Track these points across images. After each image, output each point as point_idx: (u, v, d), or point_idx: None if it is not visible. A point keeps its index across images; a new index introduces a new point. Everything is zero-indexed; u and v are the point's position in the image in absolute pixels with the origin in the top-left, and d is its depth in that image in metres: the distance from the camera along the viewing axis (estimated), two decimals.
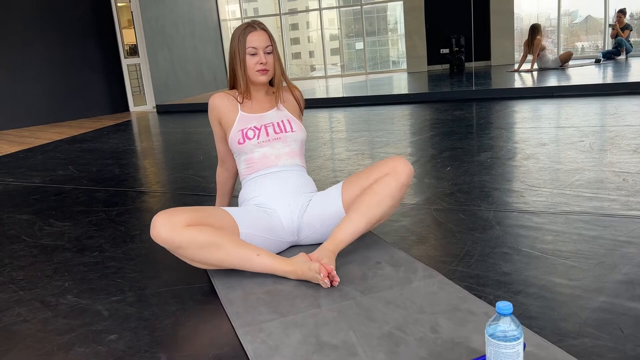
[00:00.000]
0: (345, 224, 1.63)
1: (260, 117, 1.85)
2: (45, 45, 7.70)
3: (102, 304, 1.53)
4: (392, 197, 1.65)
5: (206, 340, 1.28)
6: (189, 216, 1.51)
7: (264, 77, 1.81)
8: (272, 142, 1.81)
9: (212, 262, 1.53)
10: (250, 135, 1.80)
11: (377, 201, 1.64)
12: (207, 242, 1.49)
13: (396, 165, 1.67)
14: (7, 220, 2.57)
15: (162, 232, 1.47)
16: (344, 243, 1.62)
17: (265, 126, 1.82)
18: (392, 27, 12.74)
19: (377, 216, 1.65)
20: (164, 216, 1.49)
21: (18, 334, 1.40)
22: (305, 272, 1.49)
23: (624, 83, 5.41)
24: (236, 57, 1.80)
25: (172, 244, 1.48)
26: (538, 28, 7.75)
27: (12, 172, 3.92)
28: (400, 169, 1.66)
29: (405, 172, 1.66)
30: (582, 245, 1.66)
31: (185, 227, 1.48)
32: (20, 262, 1.96)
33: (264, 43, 1.79)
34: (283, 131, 1.83)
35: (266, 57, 1.79)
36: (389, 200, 1.65)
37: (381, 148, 3.56)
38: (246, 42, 1.77)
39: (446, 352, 1.12)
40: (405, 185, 1.67)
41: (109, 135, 5.75)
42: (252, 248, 1.55)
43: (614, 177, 2.35)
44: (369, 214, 1.64)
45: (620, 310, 1.25)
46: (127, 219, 2.40)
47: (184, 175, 3.28)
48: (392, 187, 1.65)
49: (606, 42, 9.60)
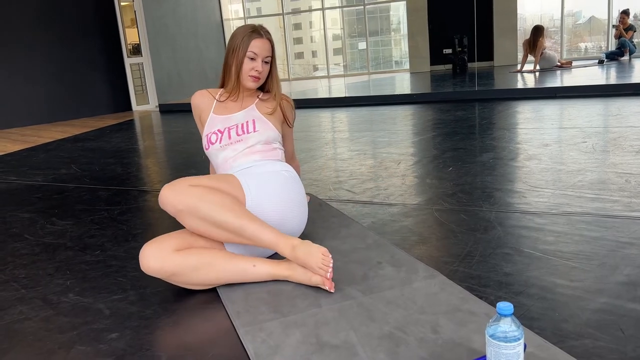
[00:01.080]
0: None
1: (226, 119, 1.87)
2: (48, 44, 7.72)
3: (104, 303, 1.54)
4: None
5: (207, 339, 1.29)
6: (177, 241, 1.50)
7: (254, 84, 1.85)
8: (234, 144, 1.81)
9: (210, 281, 1.50)
10: (213, 140, 1.83)
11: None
12: (198, 263, 1.47)
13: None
14: (9, 219, 2.57)
15: (152, 264, 1.45)
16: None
17: (228, 129, 1.83)
18: (395, 27, 12.73)
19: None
20: (151, 247, 1.47)
21: (20, 332, 1.40)
22: (303, 278, 1.47)
23: (627, 84, 5.39)
24: (234, 56, 1.81)
25: (165, 273, 1.46)
26: (541, 30, 7.72)
27: (15, 171, 3.93)
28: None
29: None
30: (584, 246, 1.65)
31: (174, 254, 1.47)
32: (22, 260, 1.97)
33: (266, 53, 1.82)
34: (245, 132, 1.82)
35: (263, 66, 1.82)
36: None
37: (383, 148, 3.56)
38: (249, 46, 1.79)
39: (447, 353, 1.12)
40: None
41: (112, 134, 5.76)
42: (245, 259, 1.53)
43: (616, 178, 2.35)
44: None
45: (621, 312, 1.25)
46: (129, 218, 2.40)
47: (186, 174, 3.28)
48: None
49: (609, 42, 9.58)
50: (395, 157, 3.23)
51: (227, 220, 1.46)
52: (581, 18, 11.50)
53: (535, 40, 7.70)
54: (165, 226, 2.24)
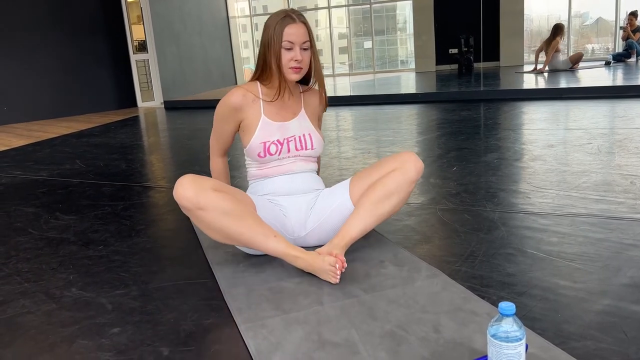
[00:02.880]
0: (354, 220, 1.62)
1: (282, 127, 1.74)
2: (54, 41, 7.75)
3: (106, 298, 1.54)
4: (400, 192, 1.64)
5: (208, 335, 1.29)
6: (215, 183, 1.52)
7: (296, 76, 1.68)
8: (292, 158, 1.75)
9: (230, 232, 1.51)
10: (273, 151, 1.71)
11: (384, 196, 1.63)
12: (231, 209, 1.49)
13: (405, 160, 1.65)
14: (14, 213, 2.59)
15: (188, 192, 1.46)
16: (352, 239, 1.61)
17: (287, 141, 1.73)
18: (401, 26, 12.71)
19: (385, 211, 1.64)
20: (191, 177, 1.49)
21: (22, 326, 1.41)
22: (316, 262, 1.49)
23: (633, 86, 5.36)
24: (270, 50, 1.65)
25: (197, 204, 1.46)
26: (561, 29, 7.65)
27: (20, 165, 3.94)
28: (409, 164, 1.64)
29: (415, 167, 1.64)
30: (588, 247, 1.65)
31: (212, 190, 1.48)
32: (26, 254, 1.98)
33: (302, 38, 1.64)
34: (304, 148, 1.75)
35: (302, 54, 1.65)
36: (397, 196, 1.64)
37: (387, 147, 3.55)
38: (283, 35, 1.62)
39: (448, 352, 1.12)
40: (413, 180, 1.65)
41: (117, 130, 5.77)
42: (270, 228, 1.55)
43: (621, 179, 2.34)
44: (377, 210, 1.63)
45: (624, 314, 1.24)
46: (133, 214, 2.41)
47: (190, 171, 3.29)
48: (400, 182, 1.63)
49: (617, 44, 9.53)
50: None
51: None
52: (588, 19, 11.45)
53: (552, 39, 7.62)
54: (169, 222, 2.24)
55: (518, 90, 6.05)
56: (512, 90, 6.05)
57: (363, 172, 1.74)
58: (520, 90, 6.05)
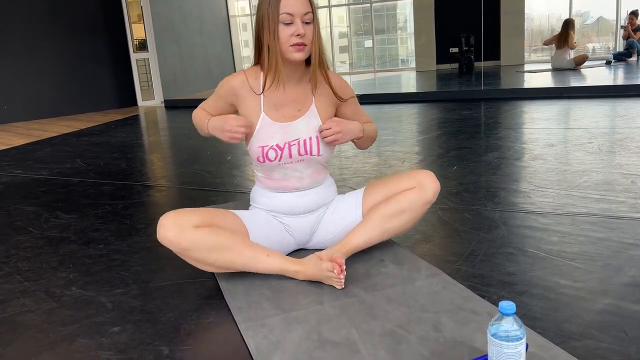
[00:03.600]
0: (360, 230, 1.58)
1: (285, 128, 1.54)
2: (55, 40, 7.74)
3: (106, 296, 1.54)
4: (413, 211, 1.58)
5: (208, 334, 1.29)
6: (198, 217, 1.45)
7: (300, 54, 1.44)
8: (295, 164, 1.57)
9: (221, 264, 1.47)
10: (272, 157, 1.54)
11: (396, 213, 1.57)
12: (215, 244, 1.43)
13: (423, 180, 1.57)
14: (14, 212, 2.58)
15: (169, 234, 1.41)
16: (355, 248, 1.58)
17: (289, 145, 1.53)
18: (402, 25, 12.70)
19: (394, 227, 1.60)
20: (171, 217, 1.43)
21: (22, 324, 1.41)
22: (316, 273, 1.46)
23: (634, 85, 5.36)
24: (265, 26, 1.43)
25: (179, 245, 1.42)
26: (572, 23, 7.64)
27: (20, 164, 3.94)
28: (427, 184, 1.57)
29: (432, 188, 1.57)
30: (588, 247, 1.64)
31: (193, 229, 1.42)
32: (26, 253, 1.98)
33: (303, 9, 1.41)
34: (308, 153, 1.56)
35: (304, 28, 1.42)
36: (409, 214, 1.58)
37: (387, 146, 3.55)
38: (279, 7, 1.40)
39: (448, 351, 1.12)
40: (429, 202, 1.58)
41: (117, 129, 5.77)
42: (261, 248, 1.50)
43: (622, 179, 2.33)
44: (386, 225, 1.58)
45: (625, 313, 1.24)
46: (133, 213, 2.41)
47: (190, 170, 3.29)
48: (414, 202, 1.57)
49: (617, 43, 9.51)
50: (400, 156, 3.22)
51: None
52: (589, 18, 11.43)
53: (567, 32, 7.59)
54: None
55: (519, 89, 6.04)
56: (513, 89, 6.05)
57: (377, 186, 1.66)
58: (521, 89, 6.04)
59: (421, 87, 7.40)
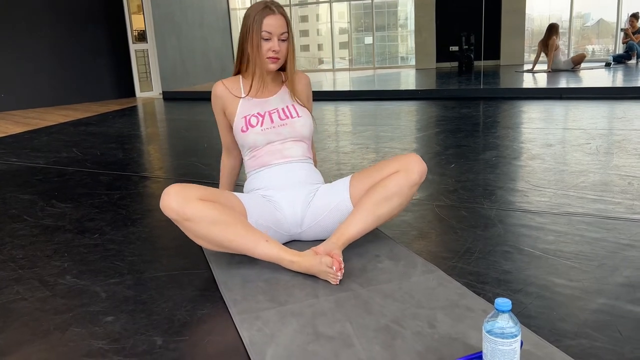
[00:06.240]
0: (353, 220, 1.59)
1: (263, 102, 1.79)
2: (54, 29, 7.70)
3: (100, 286, 1.53)
4: (401, 194, 1.60)
5: (202, 325, 1.28)
6: (203, 192, 1.49)
7: (274, 66, 1.73)
8: (278, 128, 1.74)
9: (219, 240, 1.48)
10: (254, 122, 1.73)
11: (385, 198, 1.59)
12: (218, 218, 1.46)
13: (408, 162, 1.61)
14: (9, 200, 2.57)
15: (173, 203, 1.43)
16: (350, 238, 1.58)
17: (269, 112, 1.76)
18: (402, 22, 12.68)
19: (385, 213, 1.61)
20: (177, 188, 1.46)
21: (15, 312, 1.40)
22: (313, 266, 1.45)
23: (633, 87, 5.36)
24: (249, 39, 1.70)
25: (183, 215, 1.44)
26: (555, 28, 7.64)
27: (16, 153, 3.92)
28: (412, 166, 1.60)
29: (418, 170, 1.60)
30: (584, 246, 1.64)
31: (198, 201, 1.45)
32: (20, 241, 1.97)
33: (280, 29, 1.69)
34: (289, 117, 1.76)
35: (280, 45, 1.70)
36: (398, 198, 1.60)
37: (386, 143, 3.54)
38: (262, 25, 1.66)
39: (443, 347, 1.11)
40: (416, 183, 1.61)
41: (115, 119, 5.75)
42: (261, 233, 1.52)
43: (619, 180, 2.34)
44: (377, 211, 1.59)
45: (619, 313, 1.24)
46: (129, 203, 2.40)
47: (187, 161, 3.28)
48: (402, 184, 1.59)
49: (617, 45, 9.52)
50: (398, 152, 3.21)
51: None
52: (590, 20, 11.44)
53: (548, 38, 7.61)
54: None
55: (518, 89, 6.04)
56: (512, 89, 6.05)
57: (364, 172, 1.71)
58: (520, 89, 6.04)
59: (420, 84, 7.39)
